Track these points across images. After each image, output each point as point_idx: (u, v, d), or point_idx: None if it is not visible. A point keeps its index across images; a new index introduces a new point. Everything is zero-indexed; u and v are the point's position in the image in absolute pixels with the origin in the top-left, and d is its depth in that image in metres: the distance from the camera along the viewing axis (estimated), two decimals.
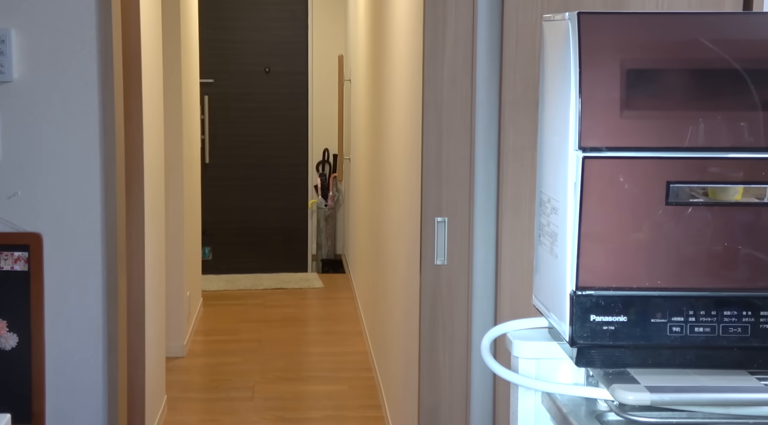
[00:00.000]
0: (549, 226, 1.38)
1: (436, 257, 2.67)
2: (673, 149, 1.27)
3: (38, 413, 2.76)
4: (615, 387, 1.27)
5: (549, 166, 1.39)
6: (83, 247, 2.77)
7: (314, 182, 8.37)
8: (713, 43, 1.27)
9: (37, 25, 2.70)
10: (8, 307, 2.74)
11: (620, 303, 1.29)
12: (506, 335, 1.53)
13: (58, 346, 2.78)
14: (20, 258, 2.74)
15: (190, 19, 6.00)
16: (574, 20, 1.27)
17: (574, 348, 1.31)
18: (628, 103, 1.27)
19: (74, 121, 2.73)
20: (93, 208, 2.76)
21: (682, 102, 1.28)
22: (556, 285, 1.34)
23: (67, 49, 2.71)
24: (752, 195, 1.29)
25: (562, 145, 1.30)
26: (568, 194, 1.29)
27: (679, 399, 1.26)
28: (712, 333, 1.30)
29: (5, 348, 2.75)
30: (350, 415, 4.56)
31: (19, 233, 2.73)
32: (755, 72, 1.26)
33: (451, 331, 2.74)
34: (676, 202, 1.28)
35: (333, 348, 5.76)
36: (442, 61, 2.65)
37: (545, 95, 1.42)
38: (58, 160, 2.74)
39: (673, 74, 1.28)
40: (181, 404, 4.61)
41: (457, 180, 2.68)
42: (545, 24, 1.42)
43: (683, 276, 1.30)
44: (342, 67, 7.75)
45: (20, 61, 2.70)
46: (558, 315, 1.34)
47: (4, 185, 2.73)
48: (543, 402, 1.49)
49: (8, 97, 2.71)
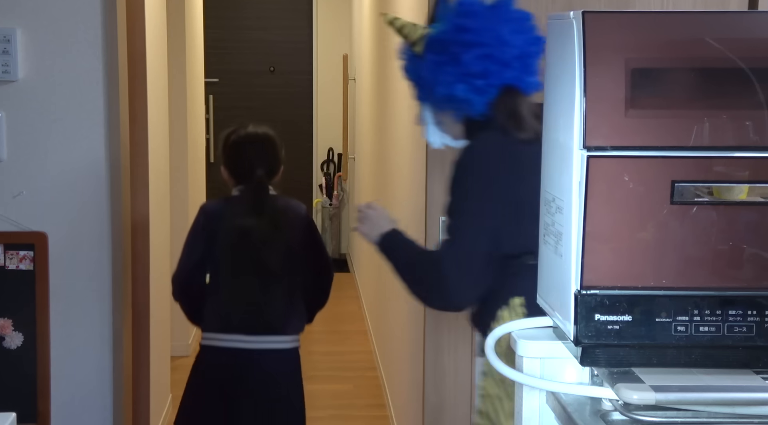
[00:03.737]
0: (554, 225, 1.38)
1: None
2: (678, 148, 1.27)
3: (43, 412, 2.77)
4: (620, 386, 1.27)
5: (553, 165, 1.39)
6: (88, 246, 2.77)
7: (319, 181, 8.37)
8: (718, 42, 1.26)
9: (43, 24, 2.70)
10: (13, 306, 2.75)
11: (625, 303, 1.29)
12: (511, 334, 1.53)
13: (63, 345, 2.79)
14: (25, 257, 2.74)
15: (195, 19, 6.00)
16: (579, 19, 1.27)
17: (579, 348, 1.31)
18: (633, 102, 1.26)
19: (79, 120, 2.74)
20: (98, 207, 2.76)
21: (687, 101, 1.28)
22: (561, 285, 1.34)
23: (72, 49, 2.71)
24: (757, 194, 1.29)
25: (566, 144, 1.30)
26: (572, 193, 1.29)
27: (684, 399, 1.26)
28: (717, 332, 1.30)
29: (10, 347, 2.75)
30: (355, 414, 4.56)
31: (24, 232, 2.74)
32: (761, 71, 1.26)
33: (455, 330, 2.74)
34: (681, 201, 1.28)
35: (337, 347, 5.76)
36: None
37: (550, 94, 1.42)
38: (64, 160, 2.74)
39: (678, 73, 1.28)
40: None
41: None
42: (550, 23, 1.42)
43: (688, 275, 1.30)
44: (347, 67, 7.75)
45: (26, 60, 2.71)
46: (563, 314, 1.34)
47: (9, 184, 2.74)
48: (547, 401, 1.49)
49: (14, 96, 2.72)
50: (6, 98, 2.72)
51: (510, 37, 2.21)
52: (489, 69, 2.20)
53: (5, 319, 2.75)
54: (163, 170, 4.31)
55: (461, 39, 2.21)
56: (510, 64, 2.20)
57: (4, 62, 2.68)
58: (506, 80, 2.21)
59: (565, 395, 1.41)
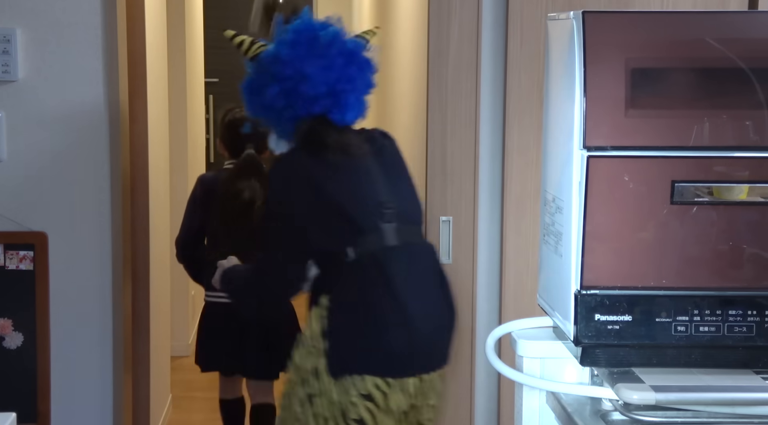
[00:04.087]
0: (554, 225, 1.38)
1: (440, 256, 2.67)
2: (678, 148, 1.27)
3: (43, 412, 2.76)
4: (620, 386, 1.27)
5: (554, 165, 1.39)
6: (89, 246, 2.77)
7: None
8: (718, 42, 1.26)
9: (43, 24, 2.70)
10: (13, 306, 2.75)
11: (625, 303, 1.29)
12: (511, 334, 1.53)
13: (63, 345, 2.78)
14: (26, 257, 2.74)
15: (195, 19, 6.00)
16: (579, 19, 1.27)
17: (579, 348, 1.31)
18: (633, 102, 1.26)
19: (79, 120, 2.74)
20: (98, 207, 2.76)
21: (687, 101, 1.28)
22: (561, 285, 1.34)
23: (72, 49, 2.71)
24: (757, 194, 1.29)
25: (566, 144, 1.30)
26: (572, 193, 1.29)
27: (684, 399, 1.26)
28: (717, 332, 1.30)
29: (10, 348, 2.75)
30: None
31: (24, 232, 2.74)
32: (760, 71, 1.26)
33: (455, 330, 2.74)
34: (681, 201, 1.28)
35: None
36: (447, 60, 2.65)
37: (550, 94, 1.42)
38: (64, 160, 2.74)
39: (677, 73, 1.28)
40: (186, 403, 4.62)
41: (461, 179, 2.68)
42: (550, 23, 1.42)
43: (688, 275, 1.30)
44: None
45: (25, 60, 2.71)
46: (563, 314, 1.34)
47: (9, 184, 2.74)
48: (548, 401, 1.49)
49: (14, 96, 2.72)
50: (6, 98, 2.72)
51: (316, 73, 2.31)
52: (292, 103, 2.34)
53: (5, 319, 2.75)
54: (163, 170, 4.31)
55: (272, 70, 2.36)
56: (317, 100, 2.33)
57: (4, 62, 2.68)
58: (314, 112, 2.34)
59: (565, 395, 1.41)
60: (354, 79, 2.35)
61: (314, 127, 2.35)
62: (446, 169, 2.68)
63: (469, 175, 2.67)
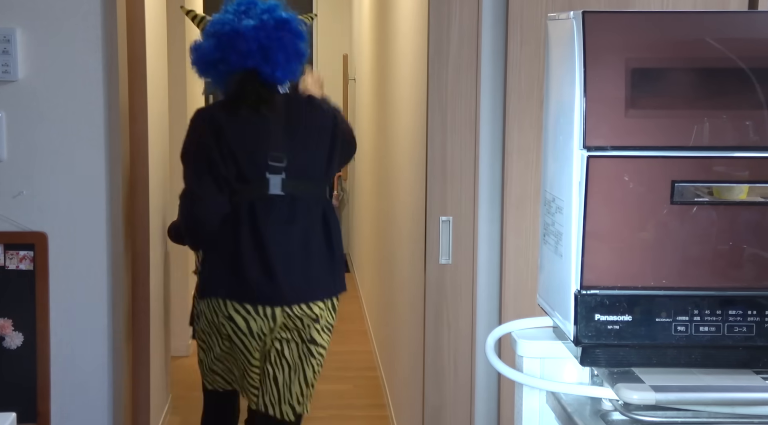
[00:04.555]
0: (554, 225, 1.38)
1: (440, 256, 2.67)
2: (678, 148, 1.27)
3: (43, 412, 2.77)
4: (620, 386, 1.27)
5: (554, 165, 1.39)
6: (88, 246, 2.77)
7: None
8: (718, 42, 1.26)
9: (43, 24, 2.70)
10: (13, 306, 2.75)
11: (625, 303, 1.29)
12: (511, 334, 1.53)
13: (63, 345, 2.78)
14: (25, 257, 2.74)
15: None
16: (579, 19, 1.27)
17: (579, 348, 1.31)
18: (633, 102, 1.26)
19: (79, 120, 2.74)
20: (98, 207, 2.76)
21: (687, 101, 1.28)
22: (561, 285, 1.34)
23: (72, 49, 2.71)
24: (757, 194, 1.29)
25: (566, 144, 1.30)
26: (572, 193, 1.29)
27: (684, 399, 1.26)
28: (717, 332, 1.30)
29: (10, 348, 2.75)
30: (355, 414, 4.56)
31: (24, 232, 2.74)
32: (760, 71, 1.26)
33: (455, 330, 2.74)
34: (681, 201, 1.28)
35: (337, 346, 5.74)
36: (447, 60, 2.65)
37: (550, 94, 1.42)
38: (64, 159, 2.74)
39: (678, 73, 1.28)
40: (185, 403, 4.61)
41: (461, 179, 2.68)
42: (550, 23, 1.42)
43: (688, 275, 1.30)
44: (347, 66, 7.75)
45: (25, 60, 2.70)
46: (563, 314, 1.34)
47: (9, 184, 2.74)
48: (548, 401, 1.49)
49: (13, 96, 2.72)
50: (6, 98, 2.72)
51: (249, 31, 2.75)
52: (227, 56, 2.78)
53: (5, 319, 2.75)
54: (163, 170, 4.31)
55: (213, 29, 2.82)
56: (249, 54, 2.76)
57: (4, 62, 2.68)
58: (247, 66, 2.77)
59: (565, 395, 1.41)
60: (282, 40, 2.79)
61: (242, 81, 2.77)
62: (446, 169, 2.67)
63: (469, 175, 2.67)
